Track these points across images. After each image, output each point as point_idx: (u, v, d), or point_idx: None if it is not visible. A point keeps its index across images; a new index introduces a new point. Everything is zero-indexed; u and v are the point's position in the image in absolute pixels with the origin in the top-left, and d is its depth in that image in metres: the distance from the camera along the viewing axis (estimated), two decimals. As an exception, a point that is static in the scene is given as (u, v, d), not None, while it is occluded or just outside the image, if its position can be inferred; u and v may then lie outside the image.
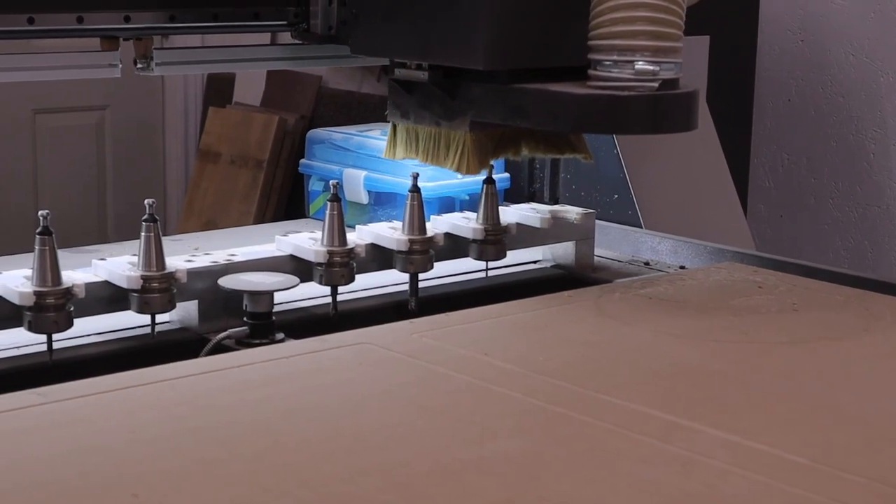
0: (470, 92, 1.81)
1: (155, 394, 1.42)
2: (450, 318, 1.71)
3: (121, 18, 1.86)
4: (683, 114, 1.76)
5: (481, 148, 1.87)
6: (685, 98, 1.75)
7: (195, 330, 1.80)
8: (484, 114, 1.81)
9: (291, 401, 1.40)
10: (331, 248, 1.86)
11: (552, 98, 1.73)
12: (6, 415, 1.34)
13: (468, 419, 1.36)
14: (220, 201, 4.50)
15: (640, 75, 1.68)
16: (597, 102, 1.71)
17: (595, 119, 1.74)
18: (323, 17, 1.95)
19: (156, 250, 1.70)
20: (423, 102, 1.87)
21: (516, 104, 1.76)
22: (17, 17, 1.77)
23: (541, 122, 1.77)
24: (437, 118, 1.86)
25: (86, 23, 1.82)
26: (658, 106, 1.72)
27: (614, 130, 2.01)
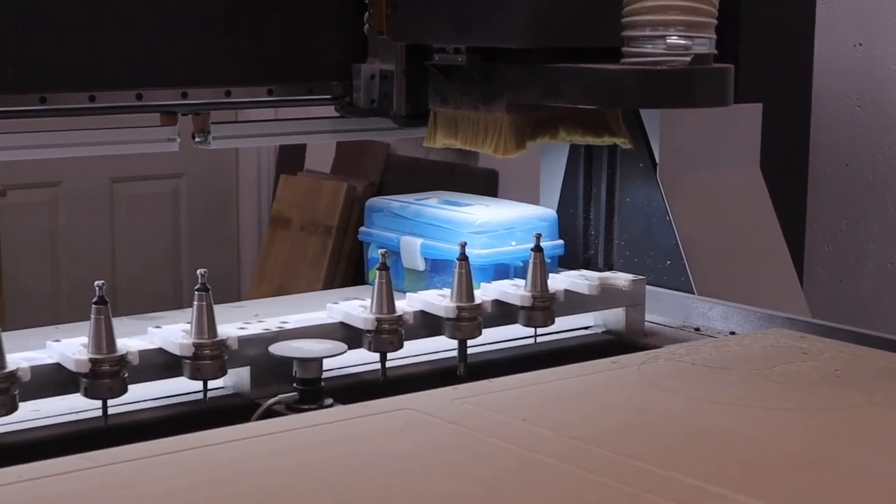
0: (506, 74, 1.84)
1: (200, 458, 1.47)
2: (492, 383, 1.75)
3: (178, 95, 1.93)
4: (717, 88, 1.78)
5: (518, 130, 1.90)
6: (719, 73, 1.77)
7: (247, 395, 1.86)
8: (520, 95, 1.84)
9: (331, 466, 1.44)
10: (379, 316, 1.90)
11: (585, 75, 1.76)
12: (55, 479, 1.40)
13: (501, 485, 1.39)
14: (290, 267, 4.58)
15: (673, 49, 1.71)
16: (629, 77, 1.73)
17: (628, 94, 1.76)
18: (365, 91, 2.03)
19: (207, 318, 1.76)
20: (462, 87, 1.91)
21: (550, 83, 1.79)
22: (78, 95, 1.85)
23: (575, 99, 1.79)
24: (476, 102, 1.90)
25: (145, 99, 1.89)
26: (691, 79, 1.73)
27: (648, 104, 1.99)
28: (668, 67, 1.71)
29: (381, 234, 2.63)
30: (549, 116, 1.93)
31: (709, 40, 1.75)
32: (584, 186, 2.58)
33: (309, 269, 4.49)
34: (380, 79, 2.03)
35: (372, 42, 2.06)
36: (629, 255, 2.52)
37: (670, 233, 2.42)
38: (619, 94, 1.76)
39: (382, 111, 2.04)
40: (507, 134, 1.89)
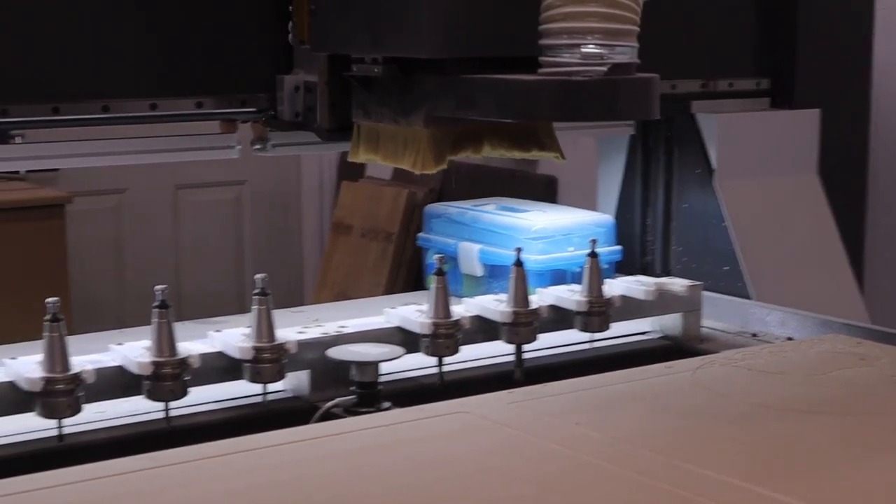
0: (423, 86, 1.74)
1: (260, 460, 1.50)
2: (547, 388, 1.76)
3: (238, 102, 1.96)
4: (639, 99, 1.66)
5: (438, 144, 1.79)
6: (641, 83, 1.65)
7: (306, 398, 1.89)
8: (437, 107, 1.74)
9: (389, 469, 1.47)
10: (436, 321, 1.92)
11: (499, 86, 1.64)
12: (119, 478, 1.43)
13: (555, 487, 1.41)
14: (351, 273, 4.62)
15: (588, 59, 1.60)
16: (543, 88, 1.62)
17: (542, 106, 1.65)
18: (289, 103, 1.94)
19: (266, 323, 1.79)
20: (382, 99, 1.80)
21: (465, 95, 1.69)
22: (140, 102, 1.88)
23: (488, 112, 1.68)
24: (396, 115, 1.79)
25: (205, 107, 1.92)
26: (607, 90, 1.62)
27: (563, 117, 1.83)
28: (583, 78, 1.60)
29: (439, 239, 2.66)
30: (474, 129, 1.82)
31: (630, 48, 1.64)
32: (641, 192, 2.59)
33: (370, 275, 4.52)
34: (304, 91, 1.93)
35: (297, 52, 1.96)
36: (686, 260, 2.52)
37: (727, 238, 2.42)
38: (534, 106, 1.65)
39: (307, 124, 1.94)
40: (426, 148, 1.78)
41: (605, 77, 1.60)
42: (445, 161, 1.82)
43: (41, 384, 1.63)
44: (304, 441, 1.56)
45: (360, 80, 1.81)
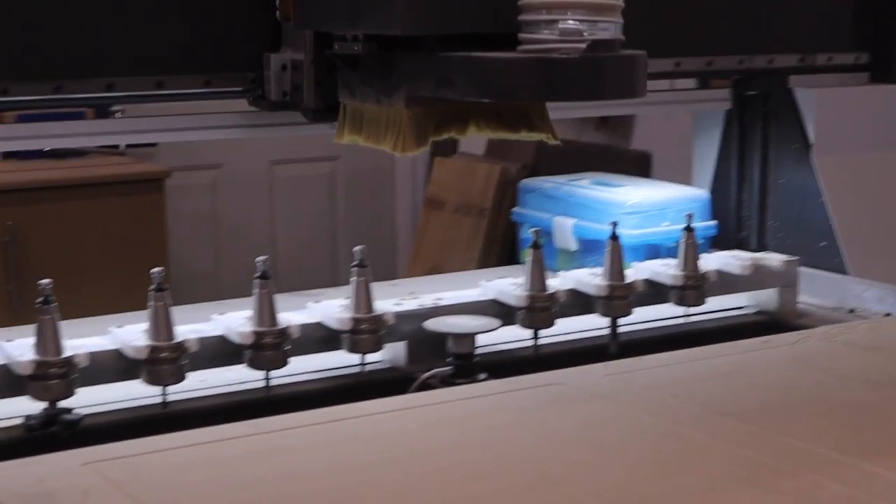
0: (403, 65, 1.67)
1: (359, 428, 1.53)
2: (642, 361, 1.77)
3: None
4: (623, 78, 1.58)
5: (419, 125, 1.72)
6: (624, 61, 1.57)
7: (402, 369, 1.91)
8: (417, 87, 1.66)
9: (483, 436, 1.49)
10: (532, 293, 1.94)
11: (476, 65, 1.57)
12: (223, 443, 1.47)
13: (650, 458, 1.42)
14: (444, 248, 4.64)
15: (567, 35, 1.52)
16: (519, 66, 1.54)
17: (519, 85, 1.57)
18: (276, 82, 1.85)
19: (365, 294, 1.81)
20: (365, 79, 1.73)
21: (444, 74, 1.61)
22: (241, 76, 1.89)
23: (467, 91, 1.61)
24: (379, 95, 1.72)
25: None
26: (587, 69, 1.53)
27: (541, 97, 1.71)
28: (561, 56, 1.52)
29: (534, 214, 2.66)
30: (458, 109, 1.74)
31: (613, 24, 1.55)
32: (737, 167, 2.58)
33: (463, 250, 4.54)
34: (291, 69, 1.84)
35: (284, 30, 1.87)
36: (782, 236, 2.51)
37: (824, 214, 2.40)
38: (511, 85, 1.57)
39: (294, 104, 1.85)
40: (406, 130, 1.71)
41: (584, 55, 1.52)
42: (427, 143, 1.75)
43: (147, 352, 1.67)
44: (403, 410, 1.58)
45: (343, 59, 1.74)
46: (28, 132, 1.91)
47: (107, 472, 1.37)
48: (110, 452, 1.43)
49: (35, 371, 1.60)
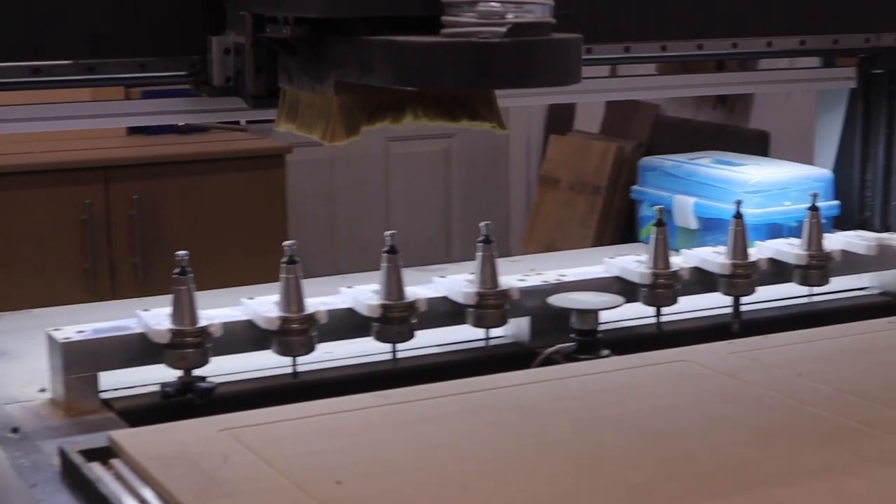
0: (331, 49, 1.58)
1: (485, 400, 1.55)
2: (768, 339, 1.77)
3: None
4: (552, 64, 1.47)
5: (351, 114, 1.63)
6: (553, 45, 1.46)
7: (526, 345, 1.93)
8: (344, 73, 1.57)
9: (610, 410, 1.50)
10: (655, 271, 1.94)
11: (394, 50, 1.47)
12: (356, 413, 1.50)
13: (778, 435, 1.42)
14: (559, 226, 4.65)
15: (487, 18, 1.42)
16: (436, 51, 1.44)
17: (437, 72, 1.46)
18: (219, 66, 1.75)
19: (490, 269, 1.83)
20: (301, 64, 1.64)
21: (366, 59, 1.52)
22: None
23: (387, 77, 1.50)
24: (313, 82, 1.63)
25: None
26: (509, 54, 1.43)
27: (459, 85, 1.58)
28: (478, 40, 1.42)
29: (653, 192, 2.67)
30: (394, 97, 1.64)
31: (541, 6, 1.45)
32: (861, 147, 2.55)
33: (578, 228, 4.55)
34: (234, 53, 1.74)
35: (228, 11, 1.76)
36: (907, 216, 2.48)
37: (953, 192, 2.37)
38: (428, 72, 1.46)
39: (237, 90, 1.75)
40: (336, 119, 1.62)
41: (504, 39, 1.42)
42: (358, 133, 1.66)
43: (278, 323, 1.70)
44: (531, 383, 1.61)
45: (279, 44, 1.66)
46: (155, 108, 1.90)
47: (243, 438, 1.41)
48: (246, 420, 1.47)
49: (172, 340, 1.65)
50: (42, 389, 1.74)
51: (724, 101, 4.37)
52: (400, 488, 1.29)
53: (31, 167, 4.19)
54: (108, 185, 4.26)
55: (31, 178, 4.19)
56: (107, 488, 1.34)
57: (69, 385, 1.66)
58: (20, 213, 4.17)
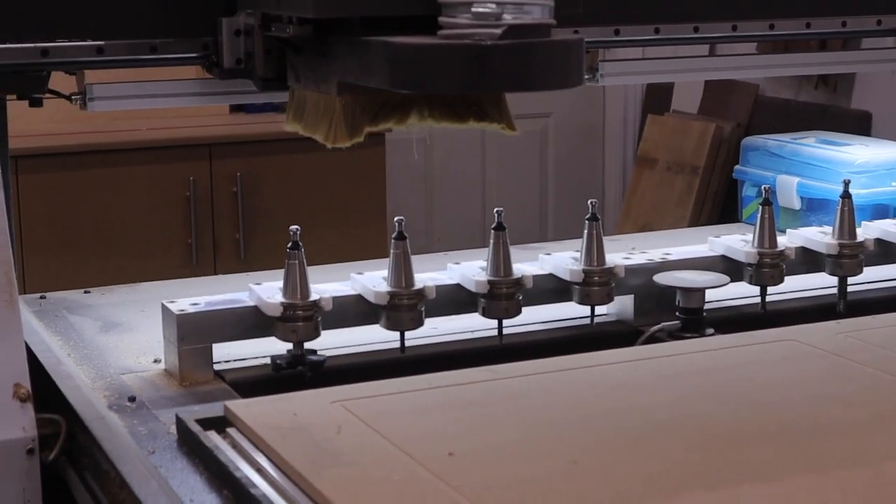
0: (334, 49, 1.55)
1: (592, 376, 1.56)
2: (876, 320, 1.76)
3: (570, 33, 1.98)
4: (551, 65, 1.42)
5: (354, 115, 1.60)
6: (553, 47, 1.42)
7: (630, 323, 1.94)
8: (346, 74, 1.54)
9: (718, 388, 1.51)
10: (761, 250, 1.94)
11: (390, 52, 1.43)
12: (464, 387, 1.52)
13: (889, 414, 1.42)
14: (656, 206, 4.64)
15: (481, 19, 1.38)
16: (430, 54, 1.40)
17: (430, 75, 1.42)
18: (229, 48, 1.73)
19: (597, 247, 1.84)
20: (307, 63, 1.62)
21: (364, 60, 1.49)
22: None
23: (383, 80, 1.46)
24: (318, 81, 1.60)
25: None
26: (505, 56, 1.39)
27: (458, 87, 1.51)
28: (472, 42, 1.38)
29: (756, 172, 2.66)
30: (400, 97, 1.61)
31: (540, 7, 1.40)
32: (970, 127, 2.52)
33: (675, 208, 4.54)
34: (245, 35, 1.71)
35: None
36: None
37: None
38: (422, 74, 1.42)
39: (248, 72, 1.72)
40: (339, 120, 1.58)
41: (500, 41, 1.37)
42: (362, 134, 1.62)
43: (387, 298, 1.73)
44: (638, 360, 1.62)
45: (283, 42, 1.64)
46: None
47: (355, 410, 1.44)
48: (358, 392, 1.50)
49: (284, 313, 1.68)
50: (156, 360, 1.78)
51: (827, 80, 4.32)
52: (511, 461, 1.31)
53: (136, 144, 4.27)
54: (212, 162, 4.33)
55: (137, 155, 4.28)
56: (224, 456, 1.37)
57: (183, 356, 1.70)
58: (126, 190, 4.26)
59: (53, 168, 4.21)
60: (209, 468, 1.39)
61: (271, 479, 1.32)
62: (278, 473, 1.32)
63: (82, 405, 1.57)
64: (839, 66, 2.95)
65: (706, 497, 1.22)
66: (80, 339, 1.89)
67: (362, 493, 1.23)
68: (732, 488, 1.24)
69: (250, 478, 1.32)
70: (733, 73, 3.00)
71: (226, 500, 1.32)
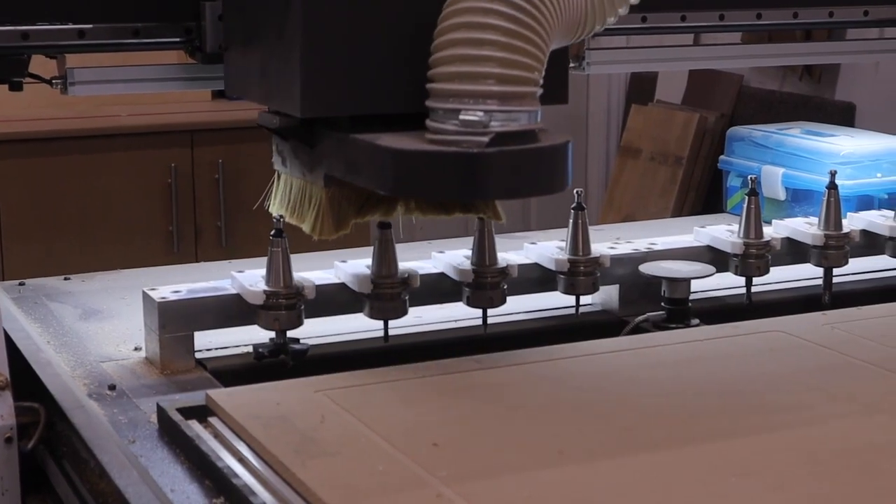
0: (321, 142, 1.56)
1: (577, 366, 1.55)
2: (862, 311, 1.76)
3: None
4: (536, 172, 1.44)
5: (341, 207, 1.60)
6: (538, 154, 1.43)
7: (615, 313, 1.92)
8: (332, 167, 1.55)
9: (704, 379, 1.50)
10: (747, 241, 1.93)
11: (376, 153, 1.43)
12: (447, 377, 1.51)
13: (877, 406, 1.41)
14: (638, 196, 4.63)
15: (469, 127, 1.38)
16: (415, 160, 1.41)
17: (415, 180, 1.43)
18: (212, 32, 1.69)
19: (582, 237, 1.83)
20: (294, 150, 1.62)
21: (352, 158, 1.49)
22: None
23: (370, 180, 1.47)
24: (304, 168, 1.61)
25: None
26: (490, 164, 1.40)
27: (442, 195, 1.55)
28: (461, 150, 1.38)
29: (741, 163, 2.65)
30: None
31: (528, 114, 1.41)
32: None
33: (658, 199, 4.53)
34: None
35: None
36: None
37: None
38: (410, 180, 1.43)
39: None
40: (326, 212, 1.58)
41: (484, 150, 1.38)
42: (348, 227, 1.61)
43: (371, 286, 1.70)
44: (623, 351, 1.61)
45: (270, 131, 1.63)
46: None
47: (339, 399, 1.42)
48: (341, 381, 1.49)
49: (266, 301, 1.66)
50: (137, 348, 1.76)
51: (811, 71, 4.31)
52: (496, 451, 1.30)
53: (117, 130, 4.24)
54: (194, 149, 4.30)
55: (118, 141, 4.25)
56: (206, 445, 1.36)
57: (164, 344, 1.68)
58: (107, 176, 4.23)
59: (33, 154, 4.18)
60: (190, 458, 1.38)
61: (254, 470, 1.30)
62: (261, 463, 1.30)
63: (62, 393, 1.55)
64: (824, 56, 2.95)
65: (692, 488, 1.21)
66: (59, 326, 1.87)
67: (347, 484, 1.22)
68: (719, 479, 1.23)
69: (232, 468, 1.30)
70: (718, 62, 3.00)
71: (207, 490, 1.31)
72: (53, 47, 1.70)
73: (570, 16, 1.44)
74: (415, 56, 1.46)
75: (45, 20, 1.66)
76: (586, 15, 1.46)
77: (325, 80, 1.48)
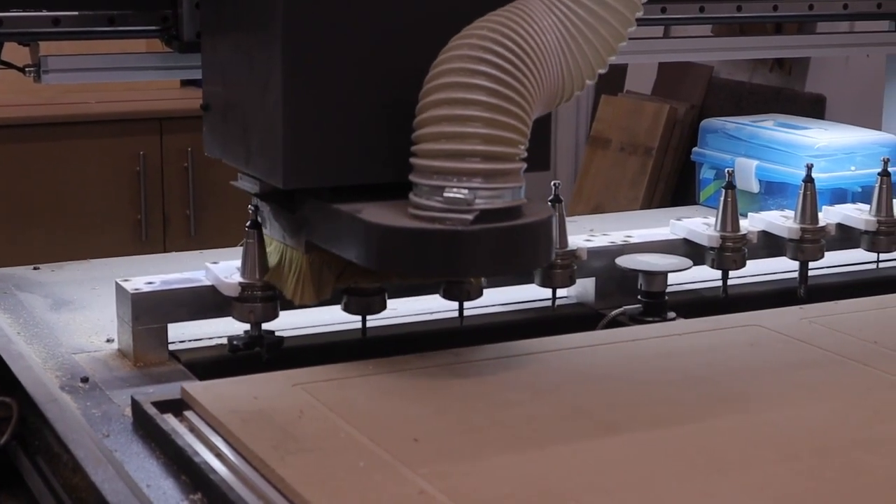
0: (303, 208, 1.56)
1: (555, 360, 1.54)
2: (839, 305, 1.75)
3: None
4: (521, 249, 1.46)
5: (321, 273, 1.59)
6: (523, 231, 1.44)
7: (591, 306, 1.92)
8: (313, 235, 1.54)
9: (682, 373, 1.49)
10: (724, 234, 1.92)
11: (359, 226, 1.43)
12: (427, 370, 1.50)
13: (857, 402, 1.41)
14: (608, 187, 4.63)
15: (452, 205, 1.39)
16: (398, 238, 1.42)
17: (398, 257, 1.44)
18: (189, 20, 1.69)
19: (560, 229, 1.82)
20: (275, 213, 1.62)
21: (334, 228, 1.49)
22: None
23: (351, 252, 1.46)
24: (284, 232, 1.61)
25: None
26: (473, 242, 1.41)
27: (423, 272, 1.55)
28: (441, 227, 1.39)
29: (714, 154, 2.64)
30: None
31: (511, 191, 1.41)
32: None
33: (628, 190, 4.53)
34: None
35: None
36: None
37: None
38: (391, 256, 1.43)
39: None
40: (307, 278, 1.58)
41: (468, 227, 1.39)
42: (328, 292, 1.61)
43: (347, 279, 1.69)
44: (601, 345, 1.60)
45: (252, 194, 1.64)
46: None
47: (317, 393, 1.41)
48: (320, 375, 1.47)
49: (241, 293, 1.64)
50: (109, 340, 1.74)
51: (782, 63, 4.32)
52: (476, 446, 1.29)
53: (85, 118, 4.20)
54: (163, 137, 4.26)
55: (86, 128, 4.20)
56: (182, 440, 1.34)
57: (138, 336, 1.66)
58: (74, 164, 4.18)
59: (-1, 140, 4.14)
60: (166, 452, 1.36)
61: (231, 465, 1.28)
62: (239, 459, 1.28)
63: (34, 386, 1.53)
64: (795, 49, 2.96)
65: (673, 485, 1.20)
66: (29, 317, 1.84)
67: (327, 481, 1.20)
68: (700, 476, 1.22)
69: (210, 463, 1.29)
70: (689, 55, 3.00)
71: (184, 486, 1.29)
72: (27, 34, 1.68)
73: (549, 84, 1.43)
74: (398, 127, 1.46)
75: (18, 7, 1.64)
76: (564, 81, 1.45)
77: (309, 152, 1.48)
